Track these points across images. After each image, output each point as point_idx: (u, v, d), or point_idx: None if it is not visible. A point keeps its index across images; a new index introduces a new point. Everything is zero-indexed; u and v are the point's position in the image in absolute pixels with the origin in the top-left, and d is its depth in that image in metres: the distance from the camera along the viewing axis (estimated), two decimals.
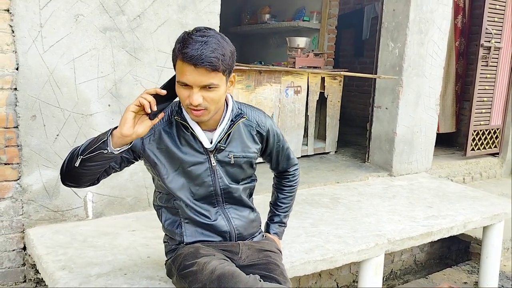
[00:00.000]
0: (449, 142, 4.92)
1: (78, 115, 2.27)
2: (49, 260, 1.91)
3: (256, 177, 1.71)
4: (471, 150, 4.39)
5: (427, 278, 3.31)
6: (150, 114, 1.33)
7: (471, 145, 4.38)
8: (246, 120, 1.57)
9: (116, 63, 2.31)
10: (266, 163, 1.80)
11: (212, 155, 1.52)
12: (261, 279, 1.44)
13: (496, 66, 4.34)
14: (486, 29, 4.13)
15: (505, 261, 3.46)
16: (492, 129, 4.56)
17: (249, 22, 5.87)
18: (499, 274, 3.07)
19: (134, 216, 2.45)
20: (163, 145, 1.49)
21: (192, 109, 1.38)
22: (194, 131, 1.48)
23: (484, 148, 4.54)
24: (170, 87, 1.39)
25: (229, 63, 1.37)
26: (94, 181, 1.46)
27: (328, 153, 4.30)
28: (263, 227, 1.82)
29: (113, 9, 2.26)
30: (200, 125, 1.49)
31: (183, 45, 1.32)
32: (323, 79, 4.07)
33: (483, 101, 4.36)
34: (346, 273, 3.20)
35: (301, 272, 2.03)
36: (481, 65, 4.22)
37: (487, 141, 4.54)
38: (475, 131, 4.38)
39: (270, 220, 1.85)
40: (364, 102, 5.99)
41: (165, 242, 1.69)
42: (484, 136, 4.50)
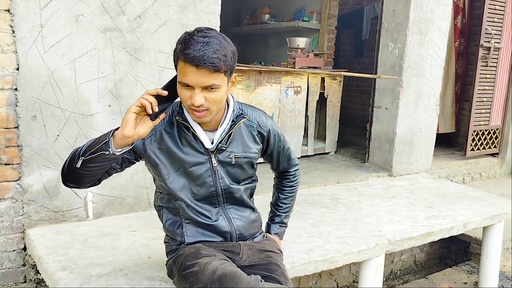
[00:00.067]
0: (448, 142, 4.92)
1: (79, 116, 2.27)
2: (49, 261, 1.91)
3: (257, 177, 1.71)
4: (470, 150, 4.40)
5: (427, 278, 3.32)
6: (152, 115, 1.33)
7: (471, 145, 4.39)
8: (247, 120, 1.57)
9: (116, 63, 2.31)
10: (266, 163, 1.80)
11: (213, 155, 1.52)
12: (262, 279, 1.44)
13: (496, 67, 4.35)
14: (486, 29, 4.13)
15: (505, 261, 3.46)
16: (492, 129, 4.57)
17: (248, 22, 5.87)
18: (499, 274, 3.08)
19: (134, 217, 2.45)
20: (164, 146, 1.49)
21: (194, 110, 1.38)
22: (195, 132, 1.48)
23: (484, 148, 4.55)
24: (171, 87, 1.39)
25: (230, 64, 1.37)
26: (95, 182, 1.46)
27: (328, 153, 4.31)
28: (263, 228, 1.82)
29: (113, 10, 2.26)
30: (201, 125, 1.48)
31: (185, 46, 1.31)
32: (323, 79, 4.07)
33: (483, 101, 4.37)
34: (346, 273, 3.20)
35: (301, 272, 2.03)
36: (481, 66, 4.23)
37: (486, 141, 4.55)
38: (474, 131, 4.38)
39: (271, 221, 1.85)
40: (363, 102, 6.00)
41: (166, 243, 1.69)
42: (484, 136, 4.50)
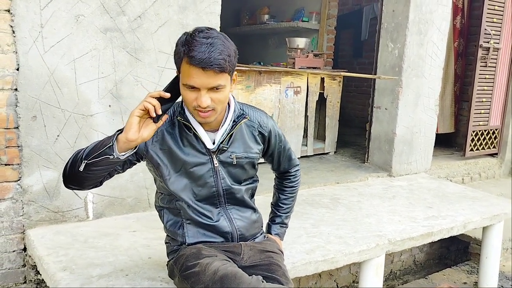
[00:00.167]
0: (448, 142, 4.93)
1: (79, 116, 2.26)
2: (50, 261, 1.90)
3: (258, 177, 1.71)
4: (470, 151, 4.41)
5: (426, 279, 3.32)
6: (155, 117, 1.33)
7: (470, 145, 4.40)
8: (248, 120, 1.57)
9: (116, 63, 2.31)
10: (266, 164, 1.80)
11: (215, 155, 1.52)
12: (263, 280, 1.44)
13: (495, 67, 4.36)
14: (485, 29, 4.14)
15: (504, 261, 3.47)
16: (491, 130, 4.57)
17: (248, 22, 5.88)
18: (498, 274, 3.08)
19: (134, 217, 2.45)
20: (166, 146, 1.49)
21: (199, 111, 1.38)
22: (197, 132, 1.48)
23: (483, 149, 4.56)
24: (172, 88, 1.39)
25: (234, 63, 1.38)
26: (97, 184, 1.46)
27: (327, 153, 4.31)
28: (264, 228, 1.82)
29: (113, 10, 2.26)
30: (203, 125, 1.48)
31: (189, 48, 1.31)
32: (322, 79, 4.08)
33: (482, 101, 4.37)
34: (346, 273, 3.20)
35: (302, 272, 2.03)
36: (480, 66, 4.24)
37: (486, 141, 4.55)
38: (474, 131, 4.39)
39: (272, 221, 1.85)
40: (363, 102, 6.01)
41: (167, 243, 1.69)
42: (483, 137, 4.51)
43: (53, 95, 2.18)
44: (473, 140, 4.40)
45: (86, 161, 1.34)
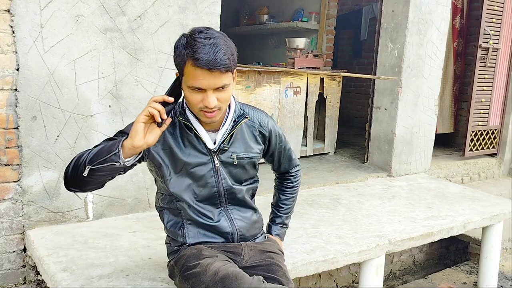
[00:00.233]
0: (447, 142, 4.94)
1: (79, 116, 2.26)
2: (50, 262, 1.90)
3: (258, 178, 1.71)
4: (469, 151, 4.41)
5: (426, 279, 3.32)
6: (159, 122, 1.33)
7: (469, 145, 4.40)
8: (248, 120, 1.57)
9: (116, 64, 2.31)
10: (266, 164, 1.80)
11: (216, 155, 1.52)
12: (264, 280, 1.44)
13: (494, 67, 4.36)
14: (484, 30, 4.14)
15: (504, 261, 3.47)
16: (490, 130, 4.58)
17: (247, 22, 5.88)
18: (498, 274, 3.08)
19: (134, 217, 2.45)
20: (167, 146, 1.49)
21: (206, 112, 1.38)
22: (198, 132, 1.47)
23: (482, 149, 4.56)
24: (174, 90, 1.39)
25: (236, 61, 1.38)
26: (99, 187, 1.46)
27: (327, 153, 4.31)
28: (264, 229, 1.82)
29: (113, 10, 2.25)
30: (204, 125, 1.48)
31: (193, 50, 1.30)
32: (322, 79, 4.08)
33: (481, 101, 4.38)
34: (345, 273, 3.21)
35: (302, 273, 2.03)
36: (479, 66, 4.24)
37: (485, 141, 4.56)
38: (473, 131, 4.39)
39: (272, 222, 1.85)
40: (362, 102, 6.01)
41: (167, 244, 1.68)
42: (482, 137, 4.52)
43: (53, 95, 2.18)
44: (472, 140, 4.41)
45: (90, 166, 1.33)
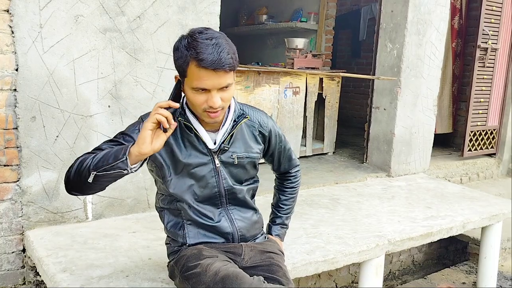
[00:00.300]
0: (446, 142, 4.94)
1: (78, 116, 2.26)
2: (49, 262, 1.90)
3: (258, 178, 1.70)
4: (468, 151, 4.42)
5: (425, 279, 3.32)
6: (166, 128, 1.32)
7: (468, 145, 4.41)
8: (248, 120, 1.57)
9: (116, 64, 2.31)
10: (266, 164, 1.80)
11: (216, 156, 1.52)
12: (264, 280, 1.43)
13: (493, 67, 4.37)
14: (483, 30, 4.15)
15: (503, 261, 3.47)
16: (489, 130, 4.59)
17: (246, 23, 5.87)
18: (497, 274, 3.09)
19: (134, 218, 2.45)
20: (168, 147, 1.48)
21: (210, 112, 1.38)
22: (198, 132, 1.47)
23: (481, 149, 4.57)
24: (175, 92, 1.39)
25: (238, 60, 1.39)
26: (101, 190, 1.45)
27: (326, 153, 4.31)
28: (265, 229, 1.82)
29: (113, 10, 2.25)
30: (204, 125, 1.48)
31: (196, 51, 1.29)
32: (321, 80, 4.08)
33: (480, 101, 4.39)
34: (345, 273, 3.21)
35: (302, 273, 2.03)
36: (478, 66, 4.25)
37: (484, 141, 4.57)
38: (472, 131, 4.40)
39: (272, 222, 1.85)
40: (361, 103, 6.02)
41: (167, 244, 1.68)
42: (481, 137, 4.52)
43: (52, 95, 2.17)
44: (471, 140, 4.42)
45: (95, 172, 1.31)
